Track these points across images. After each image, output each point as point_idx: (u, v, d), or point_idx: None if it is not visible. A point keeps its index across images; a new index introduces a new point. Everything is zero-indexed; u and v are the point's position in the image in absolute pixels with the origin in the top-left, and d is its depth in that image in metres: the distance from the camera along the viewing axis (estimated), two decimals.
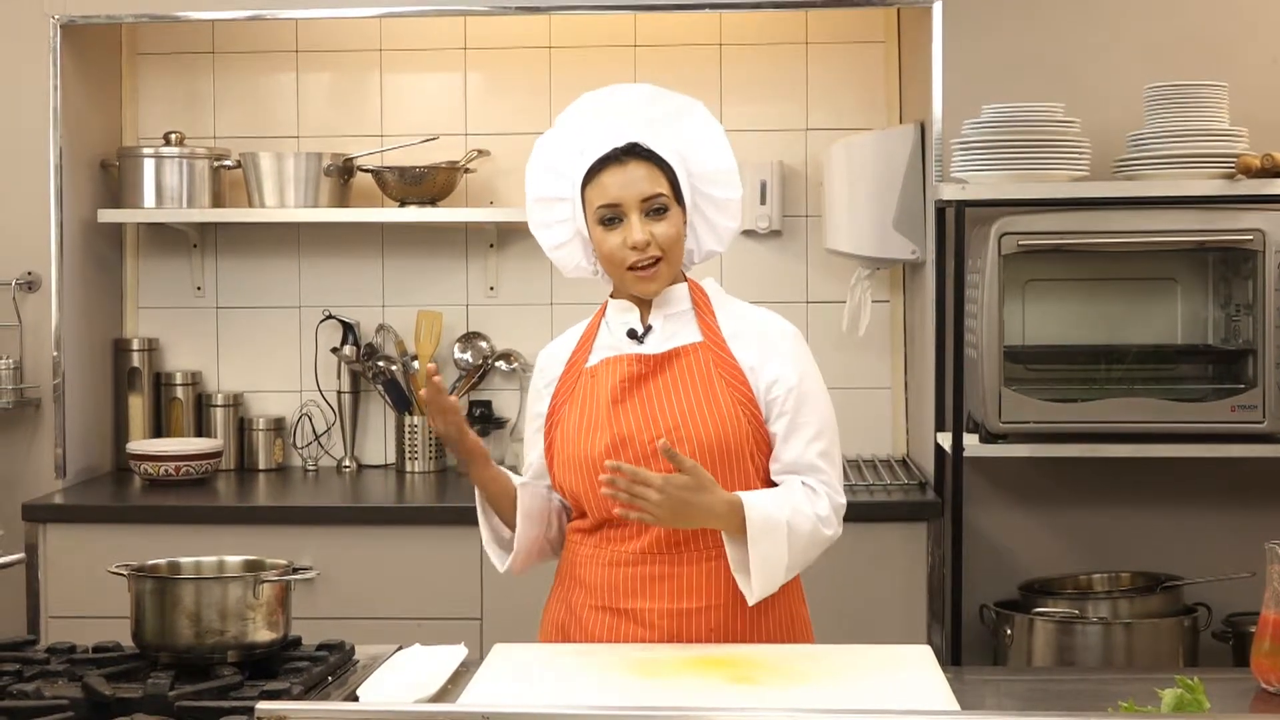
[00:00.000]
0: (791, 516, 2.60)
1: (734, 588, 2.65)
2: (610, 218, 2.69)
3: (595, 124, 2.76)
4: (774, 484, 2.72)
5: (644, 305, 2.77)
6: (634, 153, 2.70)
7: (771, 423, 2.70)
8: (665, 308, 2.75)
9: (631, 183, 2.68)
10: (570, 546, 2.79)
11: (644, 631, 2.66)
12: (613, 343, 2.77)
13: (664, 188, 2.69)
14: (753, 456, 2.69)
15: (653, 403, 2.69)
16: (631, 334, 2.76)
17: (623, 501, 2.52)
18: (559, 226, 2.79)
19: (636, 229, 2.67)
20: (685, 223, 2.74)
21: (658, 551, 2.67)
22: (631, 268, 2.69)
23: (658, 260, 2.69)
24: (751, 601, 2.62)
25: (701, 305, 2.76)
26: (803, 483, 2.68)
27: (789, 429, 2.69)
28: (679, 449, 2.58)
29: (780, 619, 2.73)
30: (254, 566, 2.62)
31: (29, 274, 4.31)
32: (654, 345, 2.74)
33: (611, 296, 2.81)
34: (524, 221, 4.49)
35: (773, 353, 2.72)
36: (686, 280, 2.79)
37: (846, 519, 2.74)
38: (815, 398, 2.72)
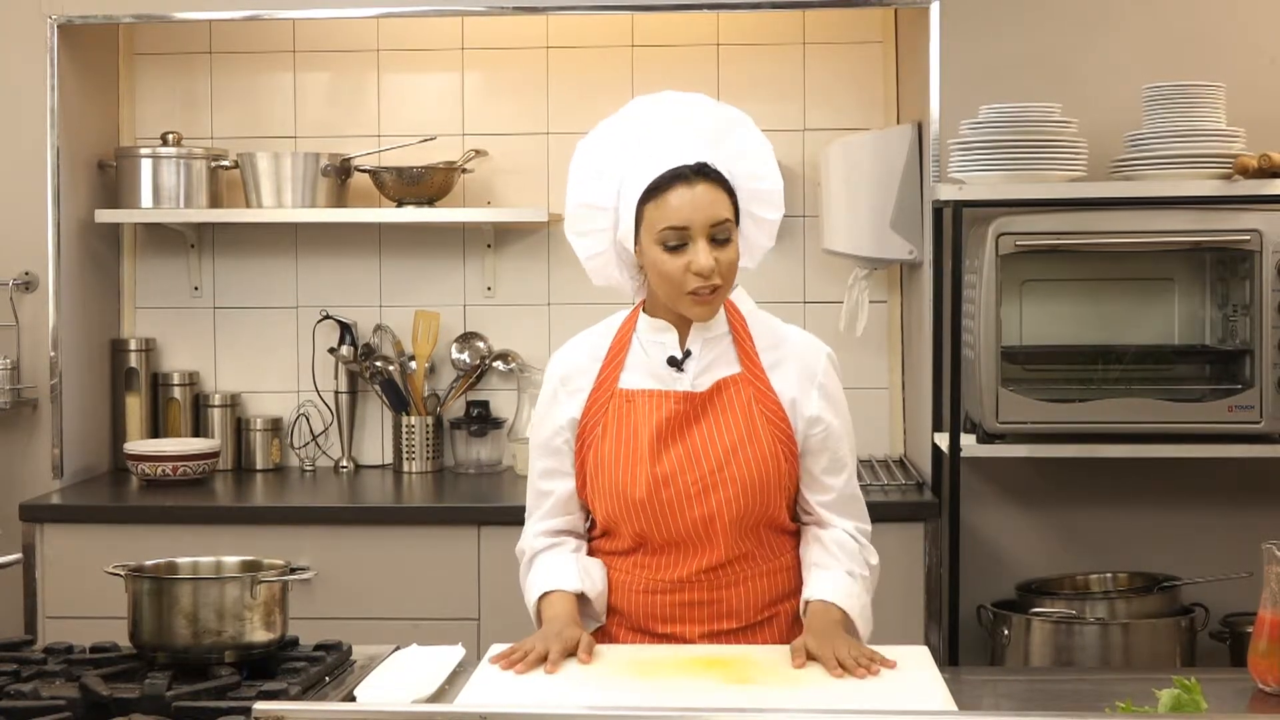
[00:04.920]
0: (865, 588, 2.72)
1: (768, 605, 2.71)
2: (675, 241, 2.57)
3: (654, 134, 2.65)
4: (797, 507, 2.76)
5: (682, 326, 2.70)
6: (703, 173, 2.59)
7: (811, 456, 2.71)
8: (704, 330, 2.69)
9: (702, 207, 2.57)
10: None
11: None
12: (650, 366, 2.70)
13: (729, 213, 2.60)
14: (785, 490, 2.70)
15: (696, 443, 2.65)
16: (672, 361, 2.69)
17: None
18: (597, 235, 2.68)
19: (704, 255, 2.56)
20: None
21: (697, 580, 2.67)
22: (693, 292, 2.59)
23: (717, 287, 2.61)
24: None
25: (738, 328, 2.72)
26: (852, 537, 2.74)
27: (830, 465, 2.72)
28: (721, 490, 2.63)
29: None
30: (251, 567, 2.62)
31: (26, 274, 4.31)
32: (694, 374, 2.68)
33: (645, 311, 2.73)
34: (521, 222, 4.58)
35: (811, 385, 2.70)
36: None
37: None
38: (850, 431, 2.76)
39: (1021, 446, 3.85)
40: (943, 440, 3.94)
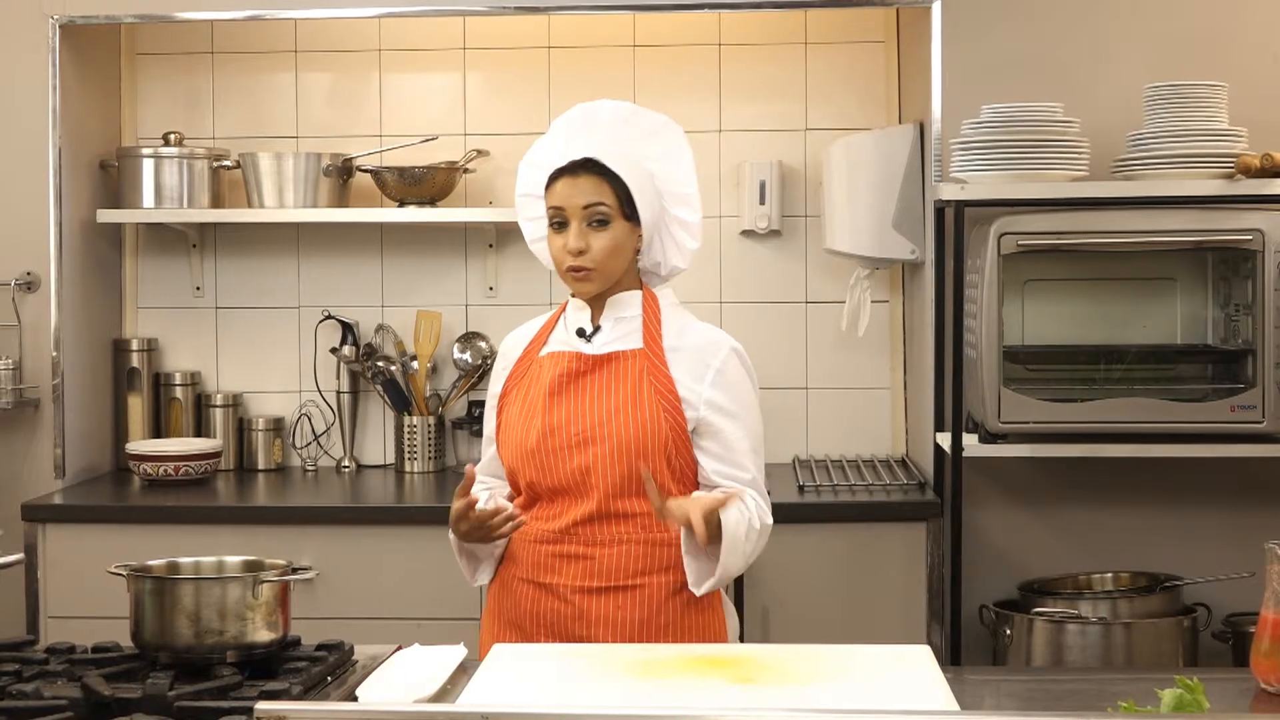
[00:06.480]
0: (748, 532, 2.80)
1: (639, 574, 2.85)
2: (556, 221, 2.88)
3: (572, 133, 2.93)
4: (698, 485, 2.90)
5: (597, 307, 2.94)
6: (587, 166, 2.87)
7: (704, 438, 2.87)
8: (616, 311, 2.94)
9: (577, 192, 2.86)
10: None
11: (560, 605, 2.88)
12: (565, 338, 2.97)
13: (608, 199, 2.86)
14: (670, 459, 2.85)
15: (584, 399, 2.87)
16: (580, 332, 2.93)
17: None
18: (538, 222, 2.99)
19: (574, 235, 2.86)
20: (640, 237, 2.90)
21: (574, 532, 2.86)
22: (569, 270, 2.88)
23: (591, 269, 2.87)
24: (699, 593, 2.81)
25: (650, 315, 2.93)
26: (752, 497, 2.86)
27: (723, 447, 2.87)
28: (600, 445, 2.85)
29: (687, 599, 2.86)
30: (253, 567, 2.62)
31: (28, 274, 4.31)
32: (598, 346, 2.91)
33: (572, 295, 2.98)
34: None
35: (706, 372, 2.89)
36: (643, 289, 2.95)
37: (846, 519, 2.80)
38: (746, 416, 2.90)
39: (1024, 446, 3.85)
40: (945, 440, 3.94)
